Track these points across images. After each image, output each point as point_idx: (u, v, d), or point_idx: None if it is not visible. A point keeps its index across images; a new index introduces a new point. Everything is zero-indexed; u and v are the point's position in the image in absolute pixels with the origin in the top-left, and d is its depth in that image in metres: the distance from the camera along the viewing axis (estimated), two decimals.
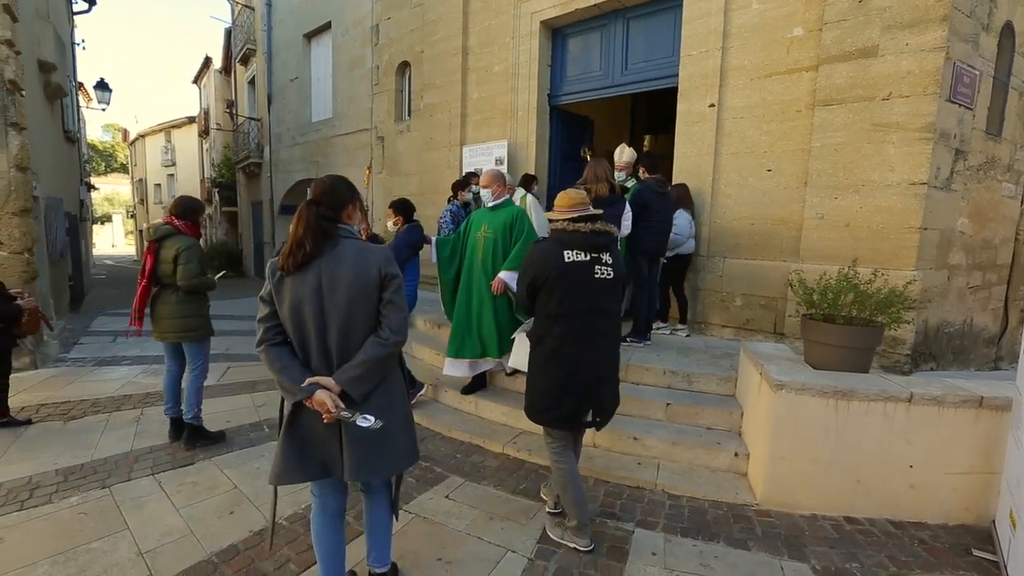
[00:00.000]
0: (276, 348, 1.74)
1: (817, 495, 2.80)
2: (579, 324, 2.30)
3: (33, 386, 4.87)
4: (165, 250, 3.36)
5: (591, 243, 2.29)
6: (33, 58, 7.19)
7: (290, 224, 1.76)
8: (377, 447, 1.76)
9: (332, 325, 1.72)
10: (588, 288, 2.29)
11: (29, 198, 5.70)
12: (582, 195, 2.39)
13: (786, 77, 4.29)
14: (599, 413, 2.39)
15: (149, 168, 28.08)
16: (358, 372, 1.71)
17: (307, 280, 1.70)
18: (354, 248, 1.76)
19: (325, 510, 1.92)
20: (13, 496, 2.87)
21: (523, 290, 2.41)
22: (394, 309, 1.76)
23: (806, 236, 4.13)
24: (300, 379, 1.69)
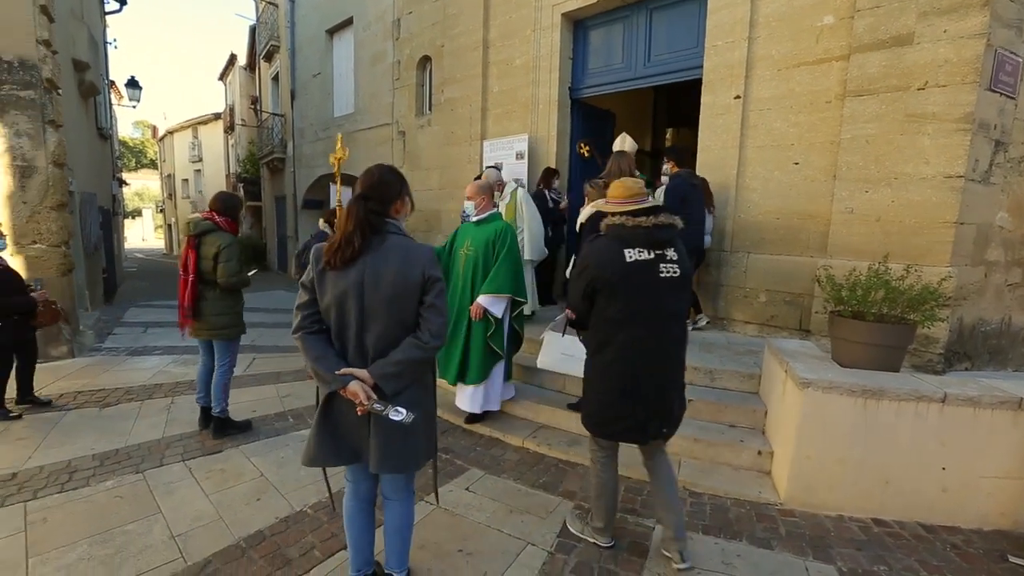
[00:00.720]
0: (313, 337, 1.75)
1: (844, 496, 2.74)
2: (645, 330, 2.08)
3: (71, 374, 5.06)
4: (205, 247, 3.36)
5: (655, 239, 2.06)
6: (68, 57, 7.41)
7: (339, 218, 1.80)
8: (400, 442, 1.77)
9: (371, 321, 1.72)
10: (653, 289, 2.06)
11: (65, 193, 5.89)
12: (640, 184, 2.15)
13: (815, 67, 4.17)
14: (667, 424, 2.19)
15: (177, 164, 28.77)
16: (393, 370, 1.71)
17: (351, 274, 1.70)
18: (400, 246, 1.75)
19: (357, 494, 1.97)
20: (54, 479, 2.99)
21: (577, 295, 2.19)
22: (435, 313, 1.75)
23: (834, 231, 4.02)
24: (335, 369, 1.70)
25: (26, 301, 3.93)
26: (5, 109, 5.34)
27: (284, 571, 2.23)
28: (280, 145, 14.17)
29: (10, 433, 3.64)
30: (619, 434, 2.21)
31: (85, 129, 9.12)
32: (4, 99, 5.32)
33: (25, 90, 5.40)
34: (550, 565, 2.31)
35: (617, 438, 2.24)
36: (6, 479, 2.98)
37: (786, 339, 3.96)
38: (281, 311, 9.03)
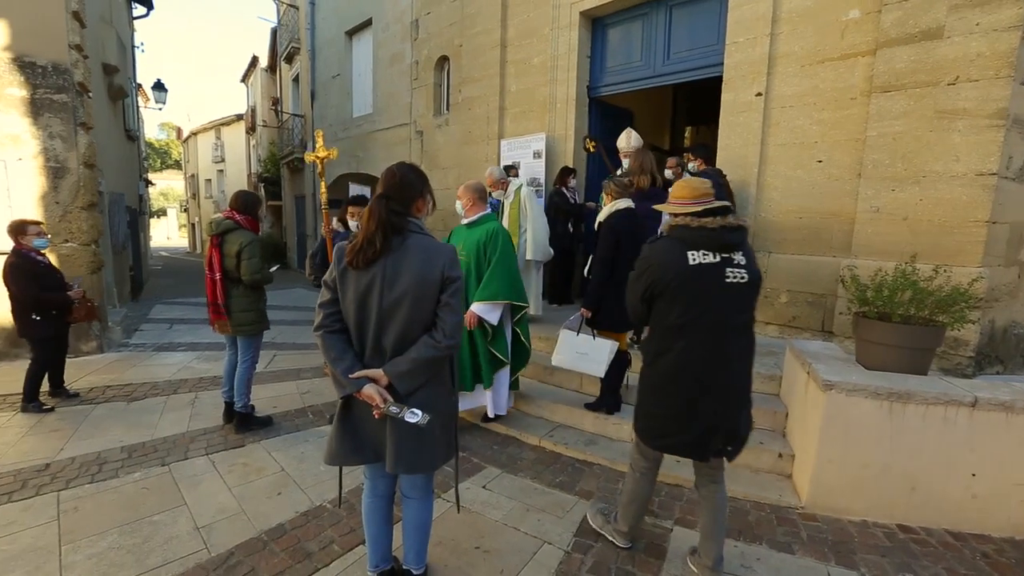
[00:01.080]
0: (332, 336, 1.77)
1: (868, 501, 2.68)
2: (707, 339, 1.93)
3: (99, 368, 5.22)
4: (228, 245, 3.44)
5: (721, 241, 1.90)
6: (98, 61, 7.64)
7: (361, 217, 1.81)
8: (417, 443, 1.77)
9: (390, 321, 1.73)
10: (718, 295, 1.91)
11: (95, 193, 6.07)
12: (706, 184, 2.02)
13: (840, 63, 4.08)
14: (732, 442, 2.01)
15: (201, 164, 29.41)
16: (406, 368, 1.72)
17: (372, 274, 1.71)
18: (421, 245, 1.75)
19: (375, 491, 1.99)
20: (85, 470, 3.09)
21: (635, 298, 2.05)
22: (450, 312, 1.75)
23: (859, 230, 3.93)
24: (351, 372, 1.71)
25: (64, 298, 4.09)
26: (40, 112, 5.52)
27: (304, 564, 2.27)
28: (300, 145, 14.38)
29: (43, 425, 3.77)
30: (674, 448, 2.06)
31: (114, 131, 9.38)
32: (39, 102, 5.50)
33: (58, 94, 5.57)
34: (567, 564, 2.31)
35: (672, 452, 2.09)
36: (40, 469, 3.09)
37: (808, 340, 3.89)
38: (301, 308, 9.17)
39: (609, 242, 3.30)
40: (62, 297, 4.08)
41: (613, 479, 3.11)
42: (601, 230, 3.40)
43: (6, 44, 5.37)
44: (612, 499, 2.88)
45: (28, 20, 5.43)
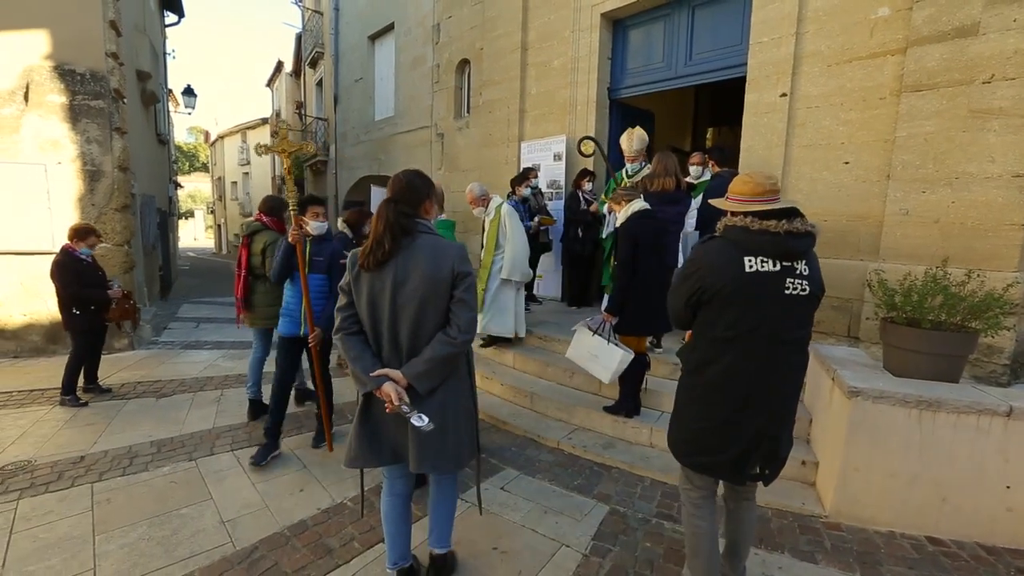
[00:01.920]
0: (351, 337, 1.83)
1: (895, 511, 2.61)
2: (759, 354, 1.73)
3: (130, 365, 5.40)
4: (255, 244, 3.78)
5: (785, 248, 1.68)
6: (132, 68, 7.90)
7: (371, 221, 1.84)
8: (439, 442, 1.81)
9: (404, 319, 1.77)
10: (774, 307, 1.71)
11: (129, 195, 6.29)
12: (772, 180, 1.78)
13: (868, 62, 3.99)
14: (770, 464, 1.83)
15: (227, 167, 30.13)
16: (424, 368, 1.75)
17: (383, 275, 1.76)
18: (430, 244, 1.80)
19: (393, 491, 2.04)
20: (117, 463, 3.20)
21: (679, 302, 1.86)
22: (464, 308, 1.78)
23: (887, 233, 3.83)
24: (371, 370, 1.76)
25: (103, 295, 4.31)
26: (78, 118, 5.75)
27: (325, 560, 2.31)
28: (323, 148, 14.63)
29: (79, 419, 3.92)
30: (710, 468, 1.87)
31: (146, 135, 9.69)
32: (77, 108, 5.73)
33: (95, 100, 5.79)
34: (584, 568, 2.30)
35: (706, 471, 1.89)
36: (75, 461, 3.21)
37: (833, 346, 3.80)
38: None
39: (628, 245, 3.28)
40: (101, 294, 4.29)
41: (632, 483, 3.09)
42: (619, 234, 3.38)
43: (48, 53, 5.60)
44: (629, 503, 2.86)
45: (68, 30, 5.66)
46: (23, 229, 5.62)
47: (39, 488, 2.88)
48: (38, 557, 2.29)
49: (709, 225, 4.08)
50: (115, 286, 4.47)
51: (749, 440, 1.78)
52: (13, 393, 4.46)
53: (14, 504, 2.71)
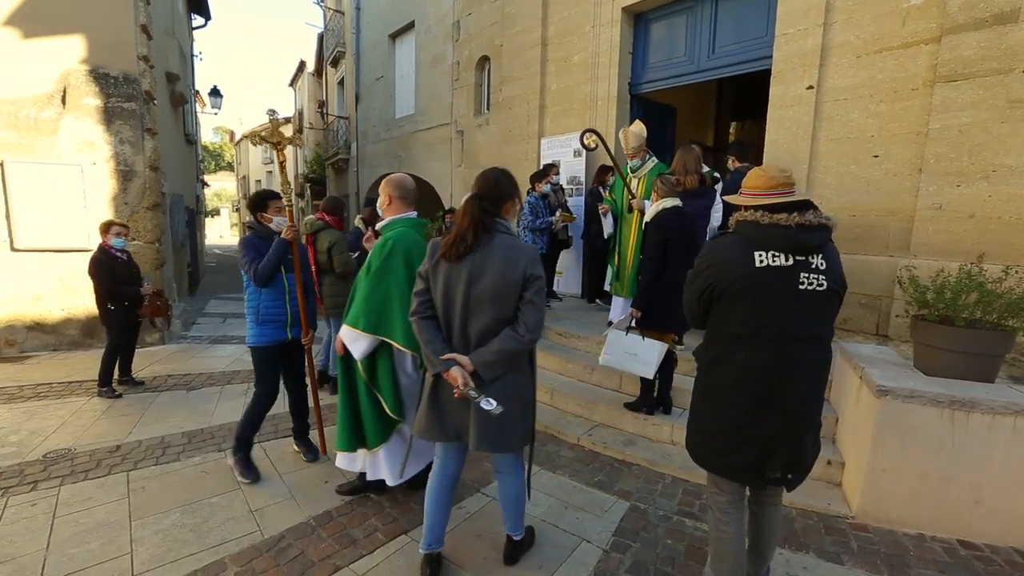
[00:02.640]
0: (425, 321, 1.97)
1: (925, 513, 2.55)
2: (771, 351, 1.68)
3: (162, 359, 5.57)
4: (319, 242, 4.11)
5: (797, 242, 1.64)
6: (162, 70, 8.12)
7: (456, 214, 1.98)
8: (498, 425, 1.92)
9: (475, 312, 1.89)
10: (789, 303, 1.66)
11: (159, 194, 6.48)
12: (786, 174, 1.74)
13: (900, 52, 3.87)
14: (793, 468, 1.74)
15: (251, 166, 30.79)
16: (491, 358, 1.87)
17: (460, 268, 1.89)
18: (506, 244, 1.90)
19: (444, 470, 2.15)
20: (150, 452, 3.32)
21: (691, 299, 1.84)
22: (533, 309, 1.88)
23: (919, 228, 3.72)
24: (441, 353, 1.90)
25: (134, 291, 4.50)
26: (111, 119, 5.94)
27: (350, 550, 2.36)
28: (344, 146, 14.82)
29: (114, 410, 4.07)
30: (728, 470, 1.82)
31: (175, 135, 9.96)
32: (111, 110, 5.92)
33: (128, 102, 5.97)
34: (605, 563, 2.31)
35: (725, 475, 1.84)
36: (112, 451, 3.34)
37: (860, 343, 3.71)
38: None
39: (656, 242, 3.25)
40: (132, 291, 4.46)
41: (652, 480, 3.08)
42: (648, 230, 3.35)
43: (83, 57, 5.80)
44: (650, 500, 2.85)
45: (102, 34, 5.84)
46: (61, 227, 5.85)
47: (79, 475, 3.01)
48: (79, 541, 2.40)
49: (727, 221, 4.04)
50: (146, 283, 4.64)
51: (765, 441, 1.71)
52: (53, 384, 4.66)
53: (56, 490, 2.84)
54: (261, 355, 3.02)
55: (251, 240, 2.98)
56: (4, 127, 5.62)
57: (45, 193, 5.78)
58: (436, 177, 9.86)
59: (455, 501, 2.75)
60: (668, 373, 3.51)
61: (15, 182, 5.70)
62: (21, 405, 4.16)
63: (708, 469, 1.89)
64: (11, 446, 3.39)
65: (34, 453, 3.29)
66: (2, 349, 5.87)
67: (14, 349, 5.90)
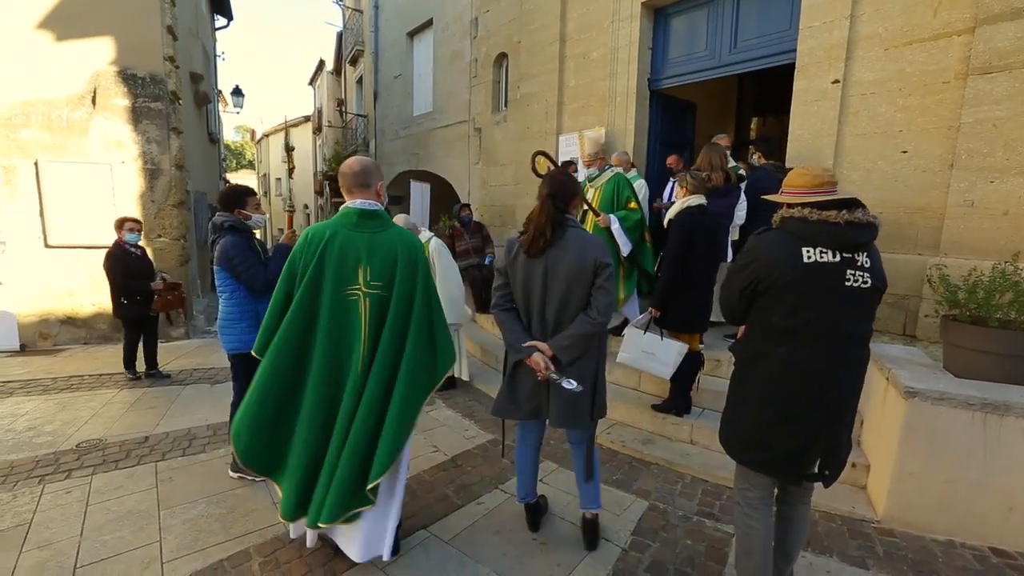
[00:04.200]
0: (507, 313, 2.20)
1: (955, 519, 2.48)
2: (814, 347, 1.68)
3: (187, 353, 5.71)
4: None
5: (845, 239, 1.64)
6: (187, 71, 8.29)
7: (532, 212, 2.14)
8: (573, 403, 2.13)
9: (552, 301, 2.09)
10: (834, 299, 1.66)
11: (184, 192, 6.63)
12: (830, 172, 1.75)
13: (931, 44, 3.75)
14: (830, 464, 1.76)
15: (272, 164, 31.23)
16: (568, 343, 2.07)
17: (538, 261, 2.09)
18: (577, 237, 2.10)
19: (525, 440, 2.43)
20: (177, 444, 3.41)
21: (734, 293, 1.83)
22: (604, 294, 2.07)
23: (950, 226, 3.62)
24: (522, 341, 2.12)
25: (147, 286, 4.63)
26: (139, 119, 6.09)
27: None
28: (363, 144, 14.97)
29: (142, 402, 4.19)
30: (763, 465, 1.81)
31: (198, 134, 10.17)
32: (138, 110, 6.07)
33: (154, 102, 6.12)
34: (623, 562, 2.30)
35: (760, 469, 1.83)
36: (140, 441, 3.44)
37: (887, 344, 3.63)
38: None
39: (679, 240, 3.19)
40: (144, 285, 4.61)
41: (672, 480, 3.06)
42: (671, 228, 3.29)
43: (112, 59, 5.96)
44: (670, 499, 2.83)
45: (130, 36, 5.99)
46: (91, 225, 6.03)
47: (110, 465, 3.11)
48: (111, 528, 2.48)
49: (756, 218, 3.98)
50: (158, 278, 4.77)
51: (807, 437, 1.71)
52: (84, 377, 4.81)
53: (89, 479, 2.94)
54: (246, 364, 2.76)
55: (240, 243, 2.81)
56: (39, 127, 5.81)
57: (76, 191, 5.96)
58: (454, 174, 9.89)
59: (473, 498, 2.79)
60: (692, 374, 3.45)
61: (48, 181, 5.89)
62: (55, 396, 4.31)
63: (743, 463, 1.88)
64: (46, 436, 3.52)
65: (68, 443, 3.41)
66: (37, 342, 6.09)
67: (48, 342, 6.11)
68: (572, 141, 6.67)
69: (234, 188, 3.05)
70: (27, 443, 3.41)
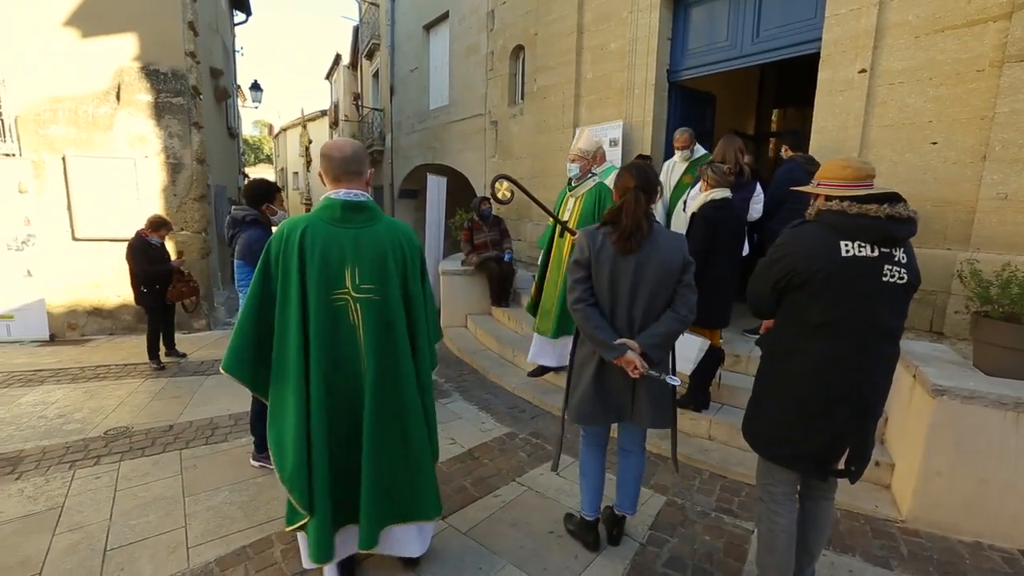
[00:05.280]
0: (592, 308, 2.04)
1: (984, 520, 2.43)
2: (851, 343, 1.66)
3: (208, 344, 5.83)
4: None
5: (885, 233, 1.61)
6: (207, 66, 8.40)
7: (624, 204, 2.02)
8: (663, 402, 2.11)
9: (640, 298, 2.01)
10: (871, 295, 1.63)
11: (205, 186, 6.74)
12: (870, 166, 1.72)
13: (964, 31, 3.62)
14: (856, 460, 1.75)
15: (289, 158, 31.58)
16: (659, 340, 1.99)
17: (629, 257, 1.99)
18: (663, 233, 2.06)
19: (597, 447, 2.31)
20: (200, 433, 3.48)
21: (764, 287, 1.81)
22: (691, 291, 2.03)
23: (982, 220, 3.50)
24: (613, 339, 1.98)
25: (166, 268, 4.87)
26: (161, 114, 6.19)
27: None
28: (379, 138, 15.04)
29: (166, 392, 4.28)
30: (791, 460, 1.80)
31: (218, 129, 10.31)
32: (161, 105, 6.17)
33: (176, 97, 6.21)
34: (642, 556, 2.29)
35: (787, 465, 1.82)
36: (165, 430, 3.52)
37: (913, 341, 3.54)
38: None
39: (703, 234, 3.13)
40: (163, 268, 4.84)
41: (689, 476, 3.03)
42: (694, 221, 3.23)
43: (135, 55, 6.06)
44: (687, 495, 2.81)
45: (152, 32, 6.08)
46: (116, 218, 6.16)
47: (136, 452, 3.19)
48: (138, 513, 2.55)
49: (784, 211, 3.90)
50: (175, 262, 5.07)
51: (837, 433, 1.71)
52: (111, 366, 4.94)
53: (116, 465, 3.02)
54: None
55: (263, 238, 2.76)
56: (65, 123, 5.94)
57: (102, 186, 6.10)
58: (470, 168, 9.88)
59: (491, 490, 2.80)
60: (711, 369, 3.41)
61: (75, 175, 6.03)
62: (83, 385, 4.43)
63: (770, 458, 1.86)
64: (76, 423, 3.62)
65: (96, 430, 3.50)
66: (66, 332, 6.26)
67: (76, 332, 6.28)
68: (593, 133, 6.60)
69: (264, 183, 3.10)
70: (58, 430, 3.52)
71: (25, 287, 6.09)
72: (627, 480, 2.30)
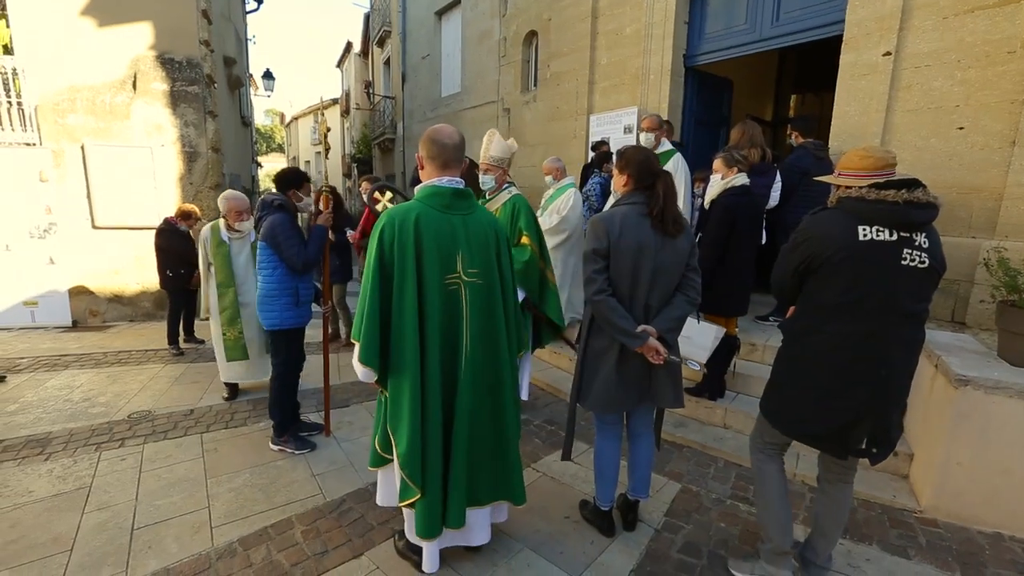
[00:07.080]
0: (612, 299, 2.03)
1: (1005, 511, 2.39)
2: (867, 325, 1.68)
3: None
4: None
5: (904, 218, 1.62)
6: (220, 55, 8.42)
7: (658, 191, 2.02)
8: (678, 382, 2.17)
9: (659, 284, 2.03)
10: (889, 278, 1.65)
11: (221, 174, 6.79)
12: (892, 154, 1.73)
13: (995, 11, 3.50)
14: (879, 443, 1.76)
15: (301, 147, 31.68)
16: (674, 324, 2.06)
17: (648, 243, 2.00)
18: None
19: (615, 434, 2.31)
20: (220, 417, 3.56)
21: (787, 271, 1.84)
22: (697, 274, 2.10)
23: (1009, 207, 3.42)
24: (634, 327, 2.00)
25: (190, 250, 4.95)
26: (177, 103, 6.23)
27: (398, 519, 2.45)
28: (391, 126, 15.01)
29: (185, 377, 4.37)
30: (811, 437, 1.84)
31: (232, 118, 10.36)
32: (176, 94, 6.21)
33: (191, 86, 6.25)
34: (656, 542, 2.30)
35: (806, 441, 1.87)
36: (186, 414, 3.60)
37: (935, 330, 3.48)
38: None
39: (722, 221, 3.08)
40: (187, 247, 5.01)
41: (704, 463, 3.03)
42: (713, 208, 3.18)
43: (150, 44, 6.09)
44: (703, 482, 2.81)
45: (167, 21, 6.10)
46: (134, 206, 6.25)
47: (159, 435, 3.27)
48: (163, 493, 2.61)
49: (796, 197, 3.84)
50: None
51: (854, 412, 1.73)
52: (132, 352, 5.05)
53: (140, 447, 3.10)
54: (297, 335, 3.14)
55: (287, 222, 2.92)
56: (84, 112, 6.01)
57: (120, 174, 6.18)
58: None
59: None
60: (727, 358, 3.39)
61: (94, 164, 6.11)
62: (106, 370, 4.53)
63: (789, 435, 1.92)
64: (100, 406, 3.72)
65: (120, 413, 3.59)
66: (88, 319, 6.40)
67: (97, 319, 6.41)
68: (604, 120, 6.54)
69: (294, 170, 3.20)
70: (83, 413, 3.61)
71: (48, 274, 6.22)
72: (640, 463, 2.32)
